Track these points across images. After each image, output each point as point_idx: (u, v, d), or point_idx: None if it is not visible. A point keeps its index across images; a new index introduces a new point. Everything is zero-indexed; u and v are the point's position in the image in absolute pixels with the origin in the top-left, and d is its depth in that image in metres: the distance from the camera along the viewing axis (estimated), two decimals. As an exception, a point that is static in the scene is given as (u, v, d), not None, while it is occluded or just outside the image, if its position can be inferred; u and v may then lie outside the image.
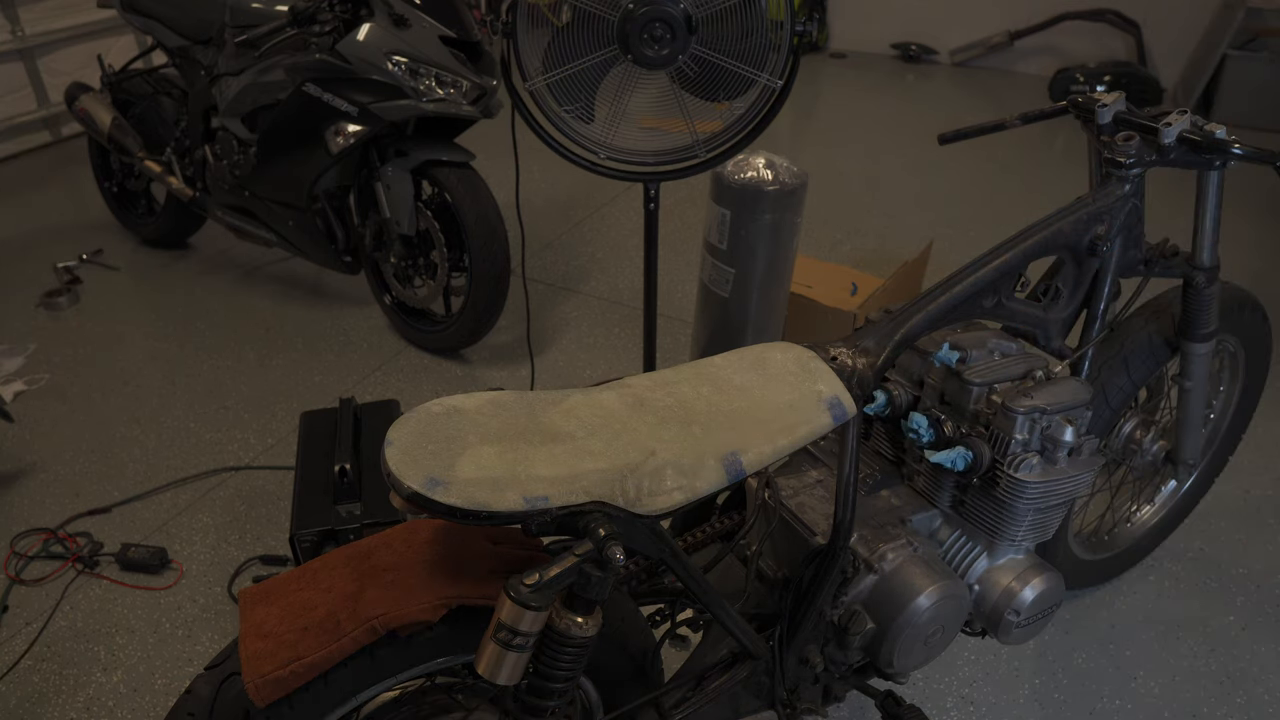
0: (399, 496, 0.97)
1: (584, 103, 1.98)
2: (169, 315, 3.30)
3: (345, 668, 1.04)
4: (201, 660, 1.98)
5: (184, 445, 2.64)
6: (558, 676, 1.03)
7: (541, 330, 3.20)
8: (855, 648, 1.42)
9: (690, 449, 1.08)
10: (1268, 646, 1.97)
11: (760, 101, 1.96)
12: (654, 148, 2.05)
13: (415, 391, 2.87)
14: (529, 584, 0.96)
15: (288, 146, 2.84)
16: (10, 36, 4.52)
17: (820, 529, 1.40)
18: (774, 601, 1.46)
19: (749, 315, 2.43)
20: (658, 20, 1.82)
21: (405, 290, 2.98)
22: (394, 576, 1.07)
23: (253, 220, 3.14)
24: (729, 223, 2.29)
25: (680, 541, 1.51)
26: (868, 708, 1.85)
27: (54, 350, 3.10)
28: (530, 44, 1.93)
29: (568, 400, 1.11)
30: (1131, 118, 1.53)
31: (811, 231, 3.91)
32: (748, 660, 1.36)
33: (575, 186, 4.37)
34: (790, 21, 1.87)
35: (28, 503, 2.43)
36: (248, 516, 2.37)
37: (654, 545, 1.09)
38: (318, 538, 1.92)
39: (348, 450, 2.08)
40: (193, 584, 2.17)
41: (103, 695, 1.90)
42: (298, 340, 3.15)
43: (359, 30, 2.57)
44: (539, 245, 3.80)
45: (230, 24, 2.90)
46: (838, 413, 1.20)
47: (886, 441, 1.53)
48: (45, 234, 3.90)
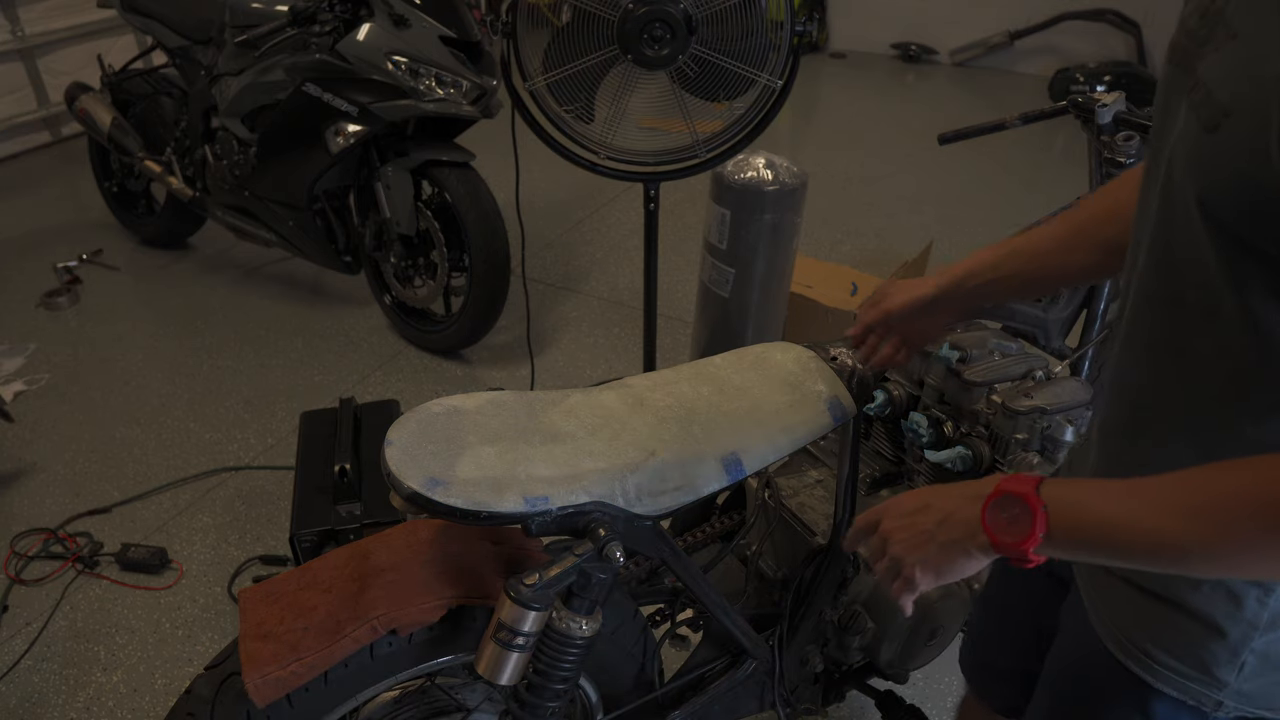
0: (399, 496, 0.97)
1: (584, 103, 1.98)
2: (169, 315, 3.30)
3: (345, 668, 1.04)
4: (201, 660, 1.98)
5: (184, 445, 2.64)
6: (558, 677, 1.03)
7: (541, 330, 3.20)
8: (855, 648, 1.42)
9: (690, 449, 1.08)
10: (1268, 646, 1.97)
11: (760, 101, 1.96)
12: (654, 148, 2.05)
13: (415, 391, 2.87)
14: (529, 584, 0.96)
15: (288, 146, 2.83)
16: (10, 36, 4.52)
17: (820, 529, 1.40)
18: (774, 601, 1.46)
19: (749, 315, 2.43)
20: (658, 20, 1.82)
21: (405, 290, 2.98)
22: (394, 576, 1.07)
23: (253, 220, 3.14)
24: (729, 223, 2.29)
25: (680, 541, 1.51)
26: (868, 708, 1.85)
27: (54, 350, 3.10)
28: (530, 44, 1.93)
29: (568, 400, 1.11)
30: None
31: (811, 231, 3.91)
32: (748, 660, 1.36)
33: (575, 186, 4.37)
34: (790, 21, 1.87)
35: (28, 503, 2.43)
36: (248, 516, 2.37)
37: (654, 545, 1.09)
38: (318, 538, 1.92)
39: (348, 450, 2.07)
40: (193, 584, 2.17)
41: (103, 695, 1.90)
42: (298, 340, 3.15)
43: (359, 30, 2.57)
44: (539, 245, 3.80)
45: (230, 24, 2.90)
46: (837, 413, 1.19)
47: (886, 441, 1.53)
48: (45, 234, 3.90)
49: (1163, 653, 0.81)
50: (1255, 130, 0.61)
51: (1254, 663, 0.78)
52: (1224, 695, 0.80)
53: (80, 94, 3.48)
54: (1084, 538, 0.72)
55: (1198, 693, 0.81)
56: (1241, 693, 0.79)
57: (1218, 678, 0.79)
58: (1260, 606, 0.76)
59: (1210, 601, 0.77)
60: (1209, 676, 0.80)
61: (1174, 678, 0.81)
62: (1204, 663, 0.79)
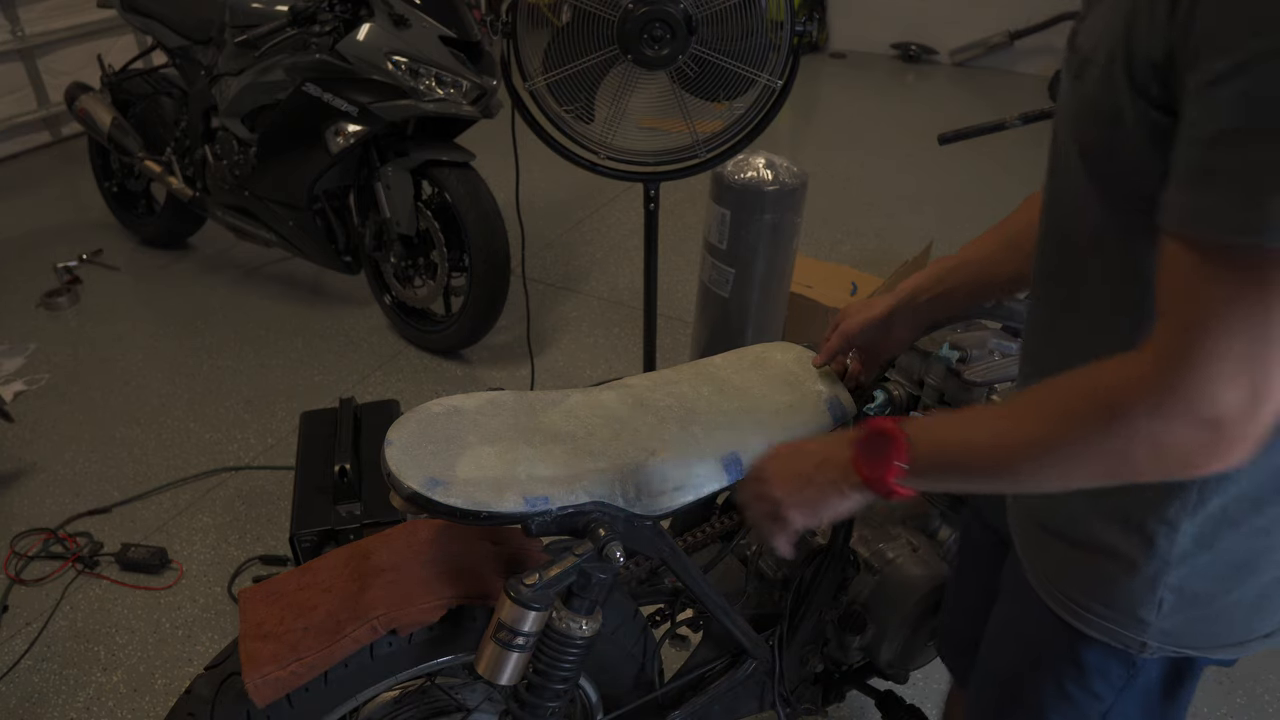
0: (399, 496, 0.97)
1: (584, 103, 1.98)
2: (169, 315, 3.30)
3: (345, 668, 1.04)
4: (201, 660, 1.98)
5: (184, 445, 2.64)
6: (558, 677, 1.03)
7: (541, 330, 3.20)
8: (855, 648, 1.42)
9: (690, 449, 1.08)
10: (1268, 646, 1.97)
11: (760, 101, 1.96)
12: (654, 148, 2.05)
13: (415, 391, 2.87)
14: (529, 584, 0.96)
15: (288, 146, 2.83)
16: (10, 36, 4.52)
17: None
18: (774, 601, 1.46)
19: (749, 315, 2.43)
20: (658, 20, 1.82)
21: (405, 290, 2.98)
22: (394, 576, 1.07)
23: (253, 220, 3.14)
24: (729, 223, 2.29)
25: (680, 541, 1.51)
26: (868, 708, 1.85)
27: (54, 350, 3.10)
28: (530, 44, 1.93)
29: (568, 400, 1.11)
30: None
31: (811, 231, 3.91)
32: (748, 660, 1.36)
33: (575, 186, 4.37)
34: (790, 21, 1.87)
35: (28, 503, 2.43)
36: (248, 516, 2.37)
37: (654, 545, 1.09)
38: (318, 538, 1.92)
39: (348, 450, 2.07)
40: (193, 584, 2.17)
41: (103, 695, 1.90)
42: (298, 340, 3.15)
43: (359, 30, 2.57)
44: (539, 245, 3.80)
45: (230, 24, 2.90)
46: (837, 412, 1.19)
47: (886, 441, 1.52)
48: (45, 234, 3.90)
49: (1089, 599, 0.85)
50: (1106, 65, 0.68)
51: (1172, 600, 0.81)
52: (1148, 636, 0.83)
53: (80, 94, 3.48)
54: (943, 460, 0.77)
55: (1124, 636, 0.84)
56: (1164, 631, 0.82)
57: (1140, 618, 0.83)
58: (1169, 543, 0.79)
59: (1126, 541, 0.81)
60: (1132, 618, 0.83)
61: (1101, 623, 0.85)
62: (1126, 604, 0.83)
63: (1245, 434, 0.62)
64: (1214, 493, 0.76)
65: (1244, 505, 0.76)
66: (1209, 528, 0.78)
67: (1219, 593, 0.80)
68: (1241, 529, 0.77)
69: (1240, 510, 0.76)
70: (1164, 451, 0.64)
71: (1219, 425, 0.62)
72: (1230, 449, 0.63)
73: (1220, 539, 0.78)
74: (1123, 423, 0.65)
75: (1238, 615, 0.81)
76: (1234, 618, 0.82)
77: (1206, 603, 0.81)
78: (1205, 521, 0.77)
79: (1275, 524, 0.77)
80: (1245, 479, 0.75)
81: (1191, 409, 0.62)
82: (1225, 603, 0.81)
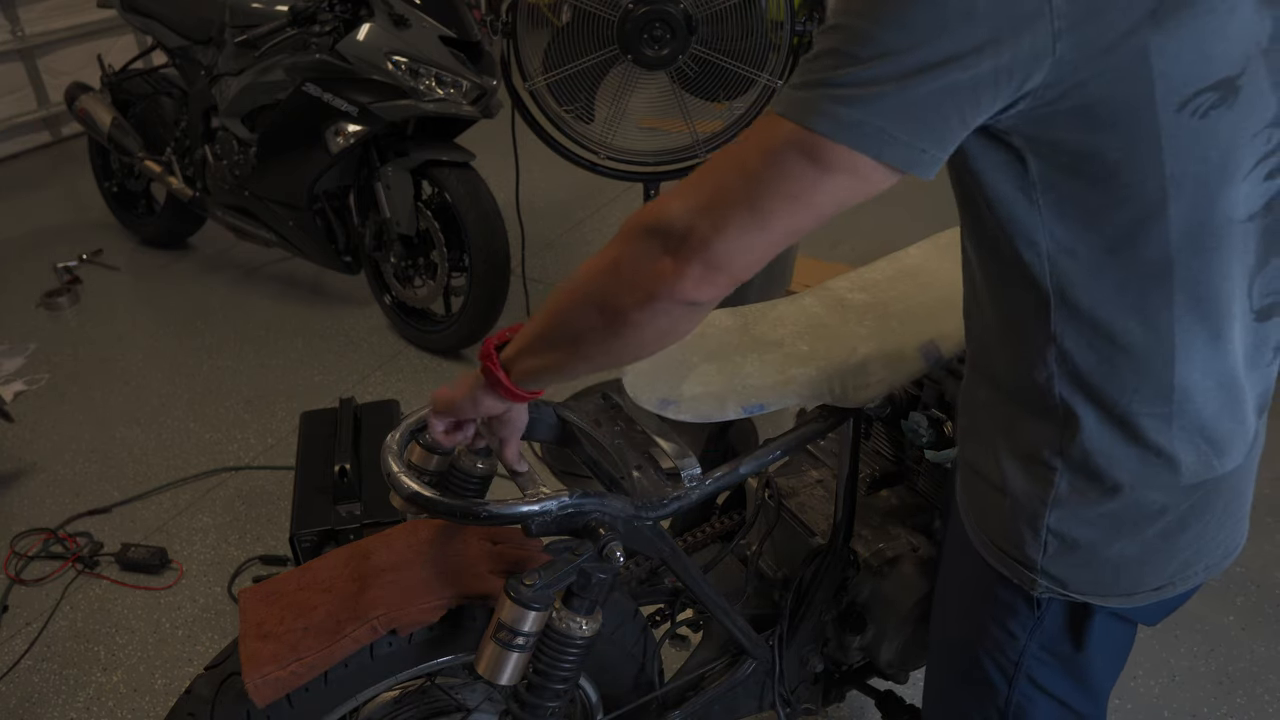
0: (399, 496, 0.97)
1: (584, 103, 1.98)
2: (169, 315, 3.31)
3: (345, 668, 1.03)
4: (201, 660, 1.98)
5: (184, 445, 2.64)
6: (558, 677, 1.03)
7: (541, 330, 3.20)
8: (855, 648, 1.42)
9: (889, 341, 1.15)
10: (1267, 646, 1.97)
11: (760, 101, 1.97)
12: (654, 148, 2.05)
13: (415, 391, 2.87)
14: (529, 584, 0.96)
15: (288, 146, 2.83)
16: (10, 36, 4.52)
17: (820, 529, 1.40)
18: (774, 601, 1.46)
19: (749, 315, 2.43)
20: (658, 20, 1.82)
21: (405, 290, 2.98)
22: (394, 576, 1.07)
23: (253, 220, 3.14)
24: (729, 223, 2.29)
25: (680, 541, 1.51)
26: (868, 708, 1.85)
27: (54, 350, 3.10)
28: (530, 44, 1.93)
29: (775, 310, 1.22)
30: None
31: (811, 231, 3.91)
32: (747, 660, 1.36)
33: (575, 186, 4.37)
34: (790, 21, 1.87)
35: (28, 503, 2.43)
36: (248, 516, 2.37)
37: (654, 545, 1.09)
38: (318, 538, 1.92)
39: (348, 450, 2.08)
40: (193, 584, 2.17)
41: (103, 695, 1.90)
42: (298, 340, 3.15)
43: (359, 30, 2.57)
44: (539, 245, 3.81)
45: (230, 24, 2.90)
46: None
47: (886, 441, 1.53)
48: (45, 234, 3.91)
49: (995, 535, 0.90)
50: None
51: (1055, 544, 0.85)
52: (1037, 575, 0.87)
53: (80, 94, 3.48)
54: (522, 352, 0.87)
55: (1020, 572, 0.89)
56: (1050, 575, 0.87)
57: (1029, 556, 0.87)
58: (1047, 483, 0.83)
59: (1020, 477, 0.85)
60: (1022, 555, 0.88)
61: (1004, 557, 0.90)
62: (1017, 540, 0.87)
63: (690, 255, 0.70)
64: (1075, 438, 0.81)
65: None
66: (1080, 481, 0.82)
67: (1099, 543, 0.84)
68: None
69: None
70: (627, 263, 0.73)
71: (667, 235, 0.70)
72: (679, 270, 0.71)
73: (1091, 490, 0.82)
74: (619, 241, 0.74)
75: (1123, 567, 0.85)
76: (1119, 569, 0.85)
77: (1089, 551, 0.84)
78: (1076, 470, 0.81)
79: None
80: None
81: (657, 220, 0.71)
82: (1107, 554, 0.84)
